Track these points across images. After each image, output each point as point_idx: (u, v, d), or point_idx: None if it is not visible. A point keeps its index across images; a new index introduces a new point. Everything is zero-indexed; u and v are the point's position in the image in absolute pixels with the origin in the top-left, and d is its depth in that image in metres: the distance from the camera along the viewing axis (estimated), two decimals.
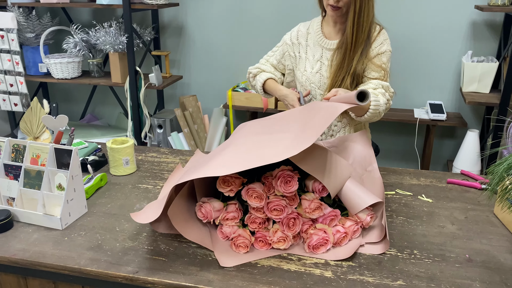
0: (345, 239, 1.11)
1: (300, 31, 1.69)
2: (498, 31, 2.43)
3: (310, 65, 1.66)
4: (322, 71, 1.62)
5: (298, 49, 1.69)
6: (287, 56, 1.71)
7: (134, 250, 1.10)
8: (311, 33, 1.67)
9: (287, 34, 1.73)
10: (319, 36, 1.65)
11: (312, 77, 1.64)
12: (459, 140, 2.63)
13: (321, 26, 1.66)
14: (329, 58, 1.62)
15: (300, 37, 1.68)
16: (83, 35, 2.55)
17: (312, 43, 1.66)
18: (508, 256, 1.07)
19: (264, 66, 1.76)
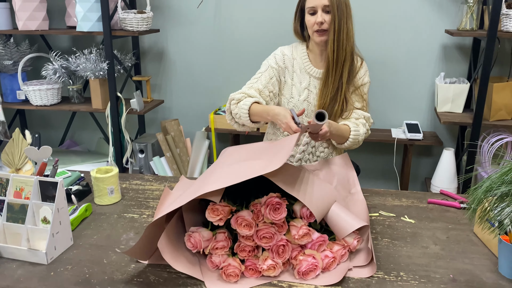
0: (333, 263, 1.13)
1: (285, 55, 1.68)
2: (468, 53, 2.54)
3: (297, 92, 1.67)
4: (310, 99, 1.66)
5: (285, 74, 1.68)
6: (274, 81, 1.65)
7: (123, 283, 1.08)
8: (296, 58, 1.68)
9: (270, 59, 1.69)
10: (307, 63, 1.67)
11: (300, 105, 1.66)
12: (436, 158, 2.71)
13: (307, 53, 1.68)
14: (317, 86, 1.66)
15: (286, 61, 1.68)
16: (62, 61, 2.54)
17: (298, 69, 1.67)
18: (490, 275, 1.11)
19: (249, 91, 1.62)
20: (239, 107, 1.57)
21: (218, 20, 2.72)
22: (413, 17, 2.53)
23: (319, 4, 1.54)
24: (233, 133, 2.66)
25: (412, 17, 2.53)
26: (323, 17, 1.54)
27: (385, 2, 2.53)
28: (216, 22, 2.73)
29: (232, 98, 1.61)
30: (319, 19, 1.54)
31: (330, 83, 1.60)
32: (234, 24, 2.72)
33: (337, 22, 1.53)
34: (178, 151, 2.65)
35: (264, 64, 1.69)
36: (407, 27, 2.55)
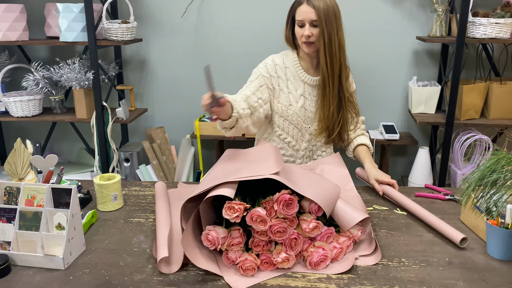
0: (341, 254, 1.21)
1: (277, 65, 1.72)
2: (437, 58, 2.72)
3: (294, 100, 1.72)
4: (306, 106, 1.73)
5: (278, 82, 1.72)
6: (264, 89, 1.70)
7: (144, 282, 1.12)
8: (289, 67, 1.72)
9: (261, 67, 1.73)
10: (300, 71, 1.72)
11: (299, 111, 1.73)
12: (411, 157, 2.87)
13: (299, 61, 1.73)
14: (311, 93, 1.72)
15: (278, 70, 1.72)
16: (45, 72, 2.52)
17: (292, 77, 1.72)
18: (481, 256, 1.22)
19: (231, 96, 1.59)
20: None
21: (200, 29, 2.78)
22: (387, 25, 2.69)
23: (306, 18, 1.60)
24: (218, 139, 2.72)
25: (386, 26, 2.69)
26: (311, 31, 1.60)
27: (360, 11, 2.68)
28: (198, 32, 2.79)
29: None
30: (306, 32, 1.60)
31: (329, 93, 1.67)
32: (216, 34, 2.79)
33: (326, 36, 1.59)
34: (164, 159, 2.67)
35: (254, 73, 1.74)
36: (381, 34, 2.70)
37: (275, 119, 1.76)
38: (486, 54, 2.59)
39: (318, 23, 1.59)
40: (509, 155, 1.07)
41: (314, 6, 1.58)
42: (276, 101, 1.73)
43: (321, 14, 1.57)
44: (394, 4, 2.65)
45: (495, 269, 1.16)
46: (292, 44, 1.75)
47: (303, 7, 1.60)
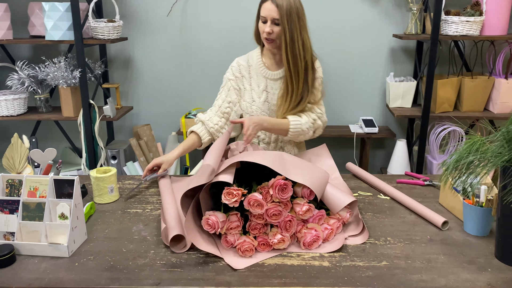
0: (331, 234, 1.30)
1: (241, 65, 1.80)
2: (412, 55, 2.86)
3: (257, 95, 1.79)
4: (269, 99, 1.78)
5: (242, 82, 1.80)
6: (232, 91, 1.79)
7: (148, 266, 1.18)
8: (252, 65, 1.79)
9: (227, 72, 1.82)
10: (262, 68, 1.78)
11: (262, 106, 1.79)
12: (389, 149, 3.00)
13: (261, 58, 1.79)
14: (273, 87, 1.78)
15: (242, 70, 1.80)
16: (30, 71, 2.53)
17: (255, 74, 1.79)
18: (458, 234, 1.33)
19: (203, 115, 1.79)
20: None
21: (185, 28, 2.84)
22: (365, 24, 2.80)
23: (269, 16, 1.63)
24: None
25: (364, 24, 2.80)
26: (271, 28, 1.64)
27: (339, 11, 2.79)
28: (182, 31, 2.84)
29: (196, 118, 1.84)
30: (266, 29, 1.65)
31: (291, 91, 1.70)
32: (200, 33, 2.85)
33: (288, 35, 1.63)
34: (151, 156, 2.71)
35: (224, 78, 1.84)
36: (359, 33, 2.82)
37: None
38: (458, 50, 2.74)
39: (280, 22, 1.63)
40: (483, 139, 1.18)
41: (277, 4, 1.61)
42: (242, 100, 1.81)
43: (283, 13, 1.61)
44: (372, 4, 2.77)
45: (471, 244, 1.27)
46: (259, 40, 1.79)
47: (267, 4, 1.64)
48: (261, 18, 1.67)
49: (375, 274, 1.13)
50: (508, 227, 1.13)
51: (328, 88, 2.91)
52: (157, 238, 1.32)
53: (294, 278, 1.12)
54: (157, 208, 1.53)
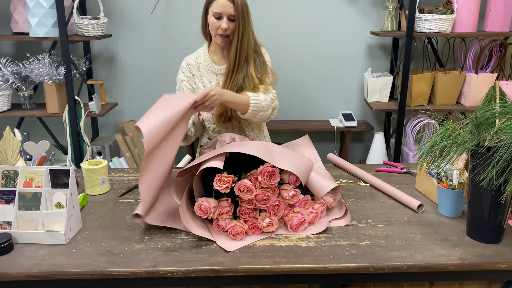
0: (316, 218, 1.38)
1: (190, 64, 1.80)
2: (388, 51, 2.98)
3: None
4: None
5: (194, 81, 1.80)
6: (186, 92, 1.80)
7: (144, 250, 1.24)
8: (201, 63, 1.80)
9: (179, 73, 1.82)
10: (210, 64, 1.78)
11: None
12: (368, 142, 3.12)
13: (208, 54, 1.79)
14: (223, 80, 1.77)
15: (192, 69, 1.80)
16: (14, 67, 2.53)
17: (205, 71, 1.79)
18: (433, 215, 1.43)
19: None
20: None
21: (169, 25, 2.88)
22: (343, 22, 2.91)
23: (225, 12, 1.65)
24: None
25: (342, 22, 2.91)
26: (228, 24, 1.66)
27: (319, 9, 2.88)
28: (166, 28, 2.88)
29: None
30: (224, 26, 1.66)
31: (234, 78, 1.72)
32: (183, 29, 2.89)
33: (241, 31, 1.66)
34: (137, 151, 2.75)
35: (177, 80, 1.85)
36: (338, 30, 2.92)
37: (203, 115, 1.85)
38: (431, 47, 2.87)
39: (235, 18, 1.66)
40: (455, 126, 1.28)
41: (234, 1, 1.64)
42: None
43: (239, 9, 1.64)
44: (349, 3, 2.87)
45: (445, 224, 1.38)
46: (207, 36, 1.80)
47: (222, 0, 1.65)
48: (215, 14, 1.66)
49: (358, 252, 1.22)
50: (477, 206, 1.24)
51: (309, 83, 3.01)
52: (151, 225, 1.37)
53: (283, 257, 1.20)
54: None
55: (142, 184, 1.29)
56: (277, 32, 2.88)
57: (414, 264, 1.16)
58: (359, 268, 1.16)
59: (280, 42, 2.91)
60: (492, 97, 1.28)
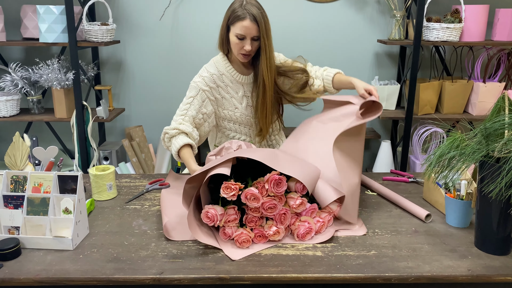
0: (323, 227, 1.38)
1: (213, 75, 1.75)
2: (395, 59, 2.98)
3: (238, 102, 1.78)
4: (250, 103, 1.80)
5: (218, 91, 1.76)
6: (207, 103, 1.74)
7: (150, 257, 1.24)
8: (224, 73, 1.75)
9: (198, 81, 1.74)
10: (235, 74, 1.75)
11: (245, 111, 1.80)
12: (374, 150, 3.11)
13: (231, 65, 1.75)
14: (250, 90, 1.79)
15: (216, 80, 1.75)
16: (23, 72, 2.55)
17: (230, 82, 1.76)
18: (441, 226, 1.43)
19: (183, 126, 1.68)
20: (172, 144, 1.68)
21: (176, 32, 2.90)
22: (351, 30, 2.91)
23: (249, 34, 1.62)
24: None
25: (350, 30, 2.91)
26: (251, 45, 1.64)
27: (327, 18, 2.89)
28: (173, 34, 2.90)
29: (165, 131, 1.70)
30: (247, 47, 1.64)
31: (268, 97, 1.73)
32: (191, 36, 2.91)
33: (267, 50, 1.65)
34: (143, 156, 2.76)
35: (193, 87, 1.75)
36: (345, 38, 2.93)
37: (224, 124, 1.83)
38: (439, 55, 2.87)
39: (259, 37, 1.64)
40: (463, 136, 1.28)
41: (258, 23, 1.61)
42: (221, 109, 1.79)
43: (263, 29, 1.62)
44: (357, 11, 2.88)
45: (453, 234, 1.37)
46: (224, 49, 1.75)
47: (246, 22, 1.61)
48: (238, 35, 1.63)
49: (365, 262, 1.21)
50: (486, 217, 1.23)
51: None
52: (157, 232, 1.38)
53: (290, 266, 1.19)
54: (155, 204, 1.59)
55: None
56: (284, 40, 2.89)
57: (421, 275, 1.16)
58: (366, 278, 1.16)
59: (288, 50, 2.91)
60: (500, 107, 1.28)
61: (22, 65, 2.72)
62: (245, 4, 1.63)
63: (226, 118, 1.81)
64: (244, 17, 1.61)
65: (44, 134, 3.04)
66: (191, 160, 1.61)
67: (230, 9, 1.67)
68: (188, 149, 1.65)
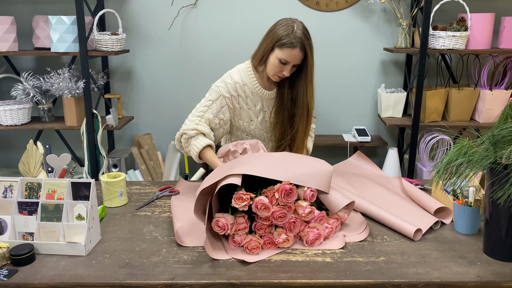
0: (331, 232, 1.39)
1: (236, 83, 1.73)
2: (402, 67, 3.00)
3: (254, 115, 1.79)
4: (266, 118, 1.81)
5: (238, 101, 1.75)
6: (225, 109, 1.74)
7: (162, 263, 1.26)
8: (247, 84, 1.75)
9: (221, 86, 1.73)
10: (258, 88, 1.75)
11: (260, 125, 1.82)
12: (380, 158, 3.12)
13: (255, 77, 1.75)
14: (269, 105, 1.80)
15: (238, 89, 1.74)
16: (34, 81, 2.60)
17: (250, 93, 1.75)
18: (449, 232, 1.43)
19: (201, 126, 1.69)
20: (191, 145, 1.68)
21: (185, 41, 2.94)
22: (357, 38, 2.94)
23: (293, 61, 1.64)
24: None
25: (356, 38, 2.94)
26: (291, 70, 1.66)
27: (334, 26, 2.92)
28: (182, 44, 2.95)
29: (183, 132, 1.70)
30: (287, 73, 1.65)
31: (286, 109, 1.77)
32: (199, 46, 2.96)
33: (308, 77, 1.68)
34: (152, 164, 2.79)
35: (215, 91, 1.74)
36: (352, 46, 2.96)
37: (238, 133, 1.85)
38: (445, 63, 2.88)
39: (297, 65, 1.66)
40: (471, 143, 1.29)
41: (306, 52, 1.63)
42: (237, 118, 1.80)
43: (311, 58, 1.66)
44: (363, 19, 2.91)
45: (461, 241, 1.37)
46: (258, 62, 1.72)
47: (295, 51, 1.61)
48: (282, 60, 1.63)
49: (374, 268, 1.22)
50: (494, 224, 1.24)
51: (323, 98, 3.03)
52: (168, 238, 1.40)
53: (300, 272, 1.21)
54: (166, 211, 1.61)
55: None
56: None
57: (431, 281, 1.16)
58: (375, 285, 1.16)
59: None
60: (508, 114, 1.29)
61: (34, 74, 2.77)
62: (297, 30, 1.62)
63: (240, 128, 1.82)
64: (295, 46, 1.61)
65: (54, 142, 3.08)
66: (215, 159, 1.64)
67: (281, 31, 1.63)
68: (210, 150, 1.67)
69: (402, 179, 1.74)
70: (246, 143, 1.67)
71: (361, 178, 1.77)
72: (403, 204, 1.57)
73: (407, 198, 1.64)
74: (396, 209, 1.52)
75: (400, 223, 1.42)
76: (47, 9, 2.84)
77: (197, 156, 1.68)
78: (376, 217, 1.50)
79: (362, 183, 1.73)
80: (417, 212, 1.51)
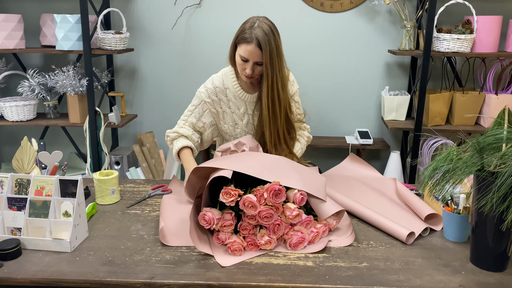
0: (317, 237, 1.38)
1: (217, 88, 1.74)
2: (406, 70, 2.96)
3: (239, 118, 1.78)
4: (251, 121, 1.80)
5: (220, 105, 1.76)
6: (207, 114, 1.76)
7: (144, 261, 1.27)
8: (229, 87, 1.75)
9: (202, 91, 1.75)
10: (239, 91, 1.74)
11: (246, 128, 1.81)
12: (383, 161, 3.08)
13: (237, 81, 1.74)
14: (253, 108, 1.78)
15: (218, 93, 1.74)
16: (40, 78, 2.65)
17: (233, 97, 1.75)
18: (438, 239, 1.41)
19: (183, 129, 1.75)
20: (173, 146, 1.78)
21: (188, 40, 2.96)
22: (361, 40, 2.91)
23: (251, 58, 1.59)
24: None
25: (360, 40, 2.91)
26: (253, 69, 1.61)
27: (338, 28, 2.90)
28: (186, 43, 2.96)
29: (167, 135, 1.80)
30: (248, 71, 1.61)
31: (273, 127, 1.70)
32: (202, 45, 2.97)
33: (270, 79, 1.58)
34: (153, 162, 2.81)
35: (197, 96, 1.79)
36: (356, 48, 2.93)
37: (226, 137, 1.86)
38: (450, 66, 2.83)
39: (262, 63, 1.60)
40: (459, 149, 1.27)
41: (262, 49, 1.56)
42: (222, 123, 1.81)
43: (267, 56, 1.56)
44: (368, 21, 2.88)
45: (449, 248, 1.35)
46: (233, 64, 1.74)
47: (250, 46, 1.57)
48: (241, 57, 1.60)
49: (354, 274, 1.21)
50: (481, 232, 1.21)
51: (325, 100, 3.02)
52: (154, 237, 1.41)
53: (279, 275, 1.20)
54: (155, 209, 1.62)
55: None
56: (295, 49, 2.91)
57: None
58: None
59: (298, 59, 2.94)
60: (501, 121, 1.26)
61: (40, 71, 2.82)
62: (255, 27, 1.57)
63: (227, 132, 1.83)
64: (250, 40, 1.57)
65: (59, 138, 3.13)
66: (189, 159, 1.70)
67: (241, 27, 1.63)
68: (187, 151, 1.74)
69: (397, 181, 1.73)
70: (247, 145, 1.67)
71: (352, 181, 1.76)
72: (395, 208, 1.55)
73: (399, 202, 1.62)
74: (387, 212, 1.50)
75: (392, 226, 1.40)
76: (54, 8, 2.89)
77: (177, 156, 1.76)
78: (368, 219, 1.48)
79: (353, 187, 1.71)
80: (407, 218, 1.49)
